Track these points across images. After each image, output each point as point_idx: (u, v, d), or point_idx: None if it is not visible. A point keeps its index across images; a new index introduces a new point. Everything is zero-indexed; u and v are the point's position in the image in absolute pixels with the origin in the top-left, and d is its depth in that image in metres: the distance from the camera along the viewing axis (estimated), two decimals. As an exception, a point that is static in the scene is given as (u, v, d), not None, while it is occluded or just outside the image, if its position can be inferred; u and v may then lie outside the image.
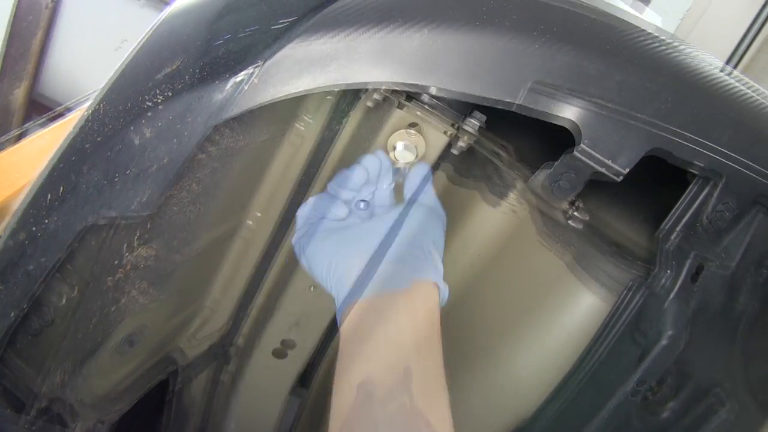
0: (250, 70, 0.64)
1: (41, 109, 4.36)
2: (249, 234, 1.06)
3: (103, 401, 0.94)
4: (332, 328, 1.23)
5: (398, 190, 0.87)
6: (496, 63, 0.64)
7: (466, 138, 0.84)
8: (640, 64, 0.67)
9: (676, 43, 0.71)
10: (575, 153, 0.68)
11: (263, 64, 0.64)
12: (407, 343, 0.62)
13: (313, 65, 0.63)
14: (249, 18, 0.68)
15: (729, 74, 0.74)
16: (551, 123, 0.68)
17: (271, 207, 1.03)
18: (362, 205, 0.81)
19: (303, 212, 0.76)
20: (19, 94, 4.34)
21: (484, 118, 0.85)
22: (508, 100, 0.66)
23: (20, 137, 3.63)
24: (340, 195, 0.78)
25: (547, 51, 0.64)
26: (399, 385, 0.57)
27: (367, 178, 0.78)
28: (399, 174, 0.85)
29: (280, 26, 0.65)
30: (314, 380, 1.31)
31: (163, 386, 1.16)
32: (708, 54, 0.75)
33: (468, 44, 0.63)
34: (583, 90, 0.66)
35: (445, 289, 0.71)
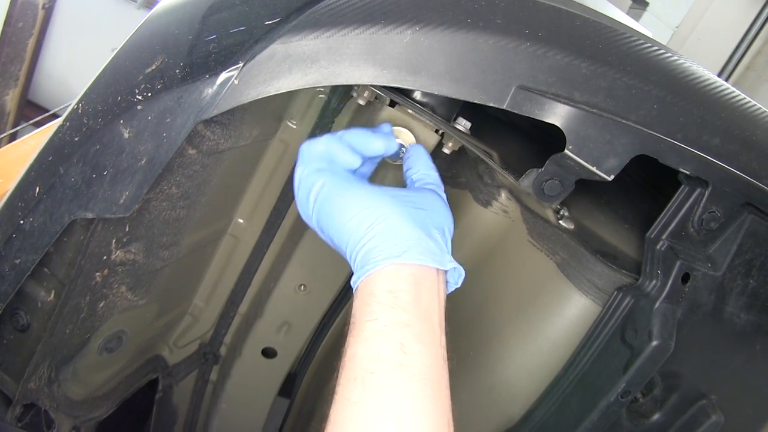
0: (230, 71, 0.63)
1: (34, 112, 4.35)
2: (233, 240, 1.05)
3: (79, 408, 0.92)
4: (320, 329, 1.22)
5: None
6: (480, 67, 0.64)
7: (456, 139, 0.83)
8: (626, 70, 0.66)
9: (663, 50, 0.70)
10: (560, 159, 0.67)
11: (243, 65, 0.63)
12: (429, 322, 0.60)
13: (294, 66, 0.62)
14: (232, 20, 0.67)
15: (717, 83, 0.73)
16: (536, 131, 0.67)
17: (257, 212, 1.02)
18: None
19: (311, 148, 0.70)
20: (11, 97, 4.33)
21: (469, 124, 0.84)
22: (493, 103, 0.65)
23: (12, 139, 3.61)
24: (356, 150, 0.72)
25: (532, 56, 0.63)
26: (412, 363, 0.56)
27: (384, 150, 0.73)
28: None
29: (262, 28, 0.64)
30: (302, 383, 1.30)
31: (153, 385, 1.15)
32: (696, 63, 0.74)
33: (453, 47, 0.63)
34: (568, 96, 0.65)
35: (462, 272, 0.68)
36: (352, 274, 0.64)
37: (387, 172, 0.90)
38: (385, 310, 0.58)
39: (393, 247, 0.61)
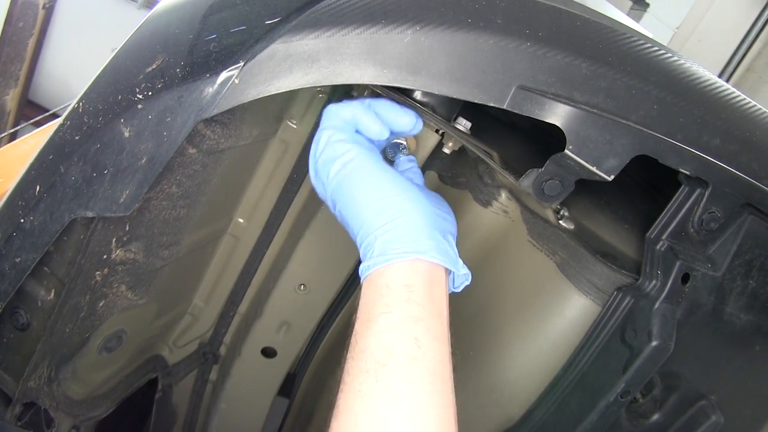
0: (231, 70, 0.63)
1: (34, 111, 4.35)
2: (233, 239, 1.05)
3: (79, 407, 0.92)
4: (320, 329, 1.22)
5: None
6: (481, 66, 0.64)
7: (456, 139, 0.84)
8: (627, 71, 0.66)
9: (664, 51, 0.70)
10: (560, 158, 0.67)
11: (244, 64, 0.63)
12: (441, 318, 0.61)
13: (294, 65, 0.62)
14: (232, 19, 0.67)
15: (717, 84, 0.73)
16: (536, 131, 0.67)
17: (257, 212, 1.02)
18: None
19: (338, 112, 0.67)
20: (11, 97, 4.33)
21: (469, 124, 0.84)
22: (493, 103, 0.65)
23: (12, 139, 3.61)
24: (384, 122, 0.69)
25: (532, 56, 0.64)
26: (421, 356, 0.56)
27: (412, 126, 0.70)
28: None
29: (263, 27, 0.65)
30: (302, 383, 1.30)
31: (152, 384, 1.15)
32: (696, 63, 0.74)
33: (453, 47, 0.63)
34: (568, 96, 0.65)
35: (469, 278, 0.68)
36: (357, 267, 0.64)
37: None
38: (401, 304, 0.58)
39: (416, 243, 0.61)
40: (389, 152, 0.82)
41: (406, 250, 0.60)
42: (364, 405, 0.54)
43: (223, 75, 0.63)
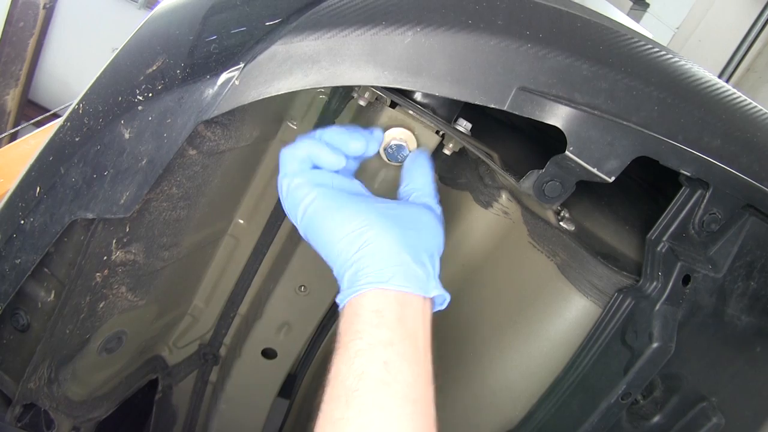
0: (231, 72, 0.63)
1: (35, 111, 4.35)
2: (234, 240, 1.05)
3: (79, 408, 0.92)
4: (320, 330, 1.21)
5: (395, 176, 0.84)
6: (481, 68, 0.64)
7: (457, 140, 0.83)
8: (627, 72, 0.66)
9: (664, 51, 0.70)
10: (561, 160, 0.67)
11: (244, 66, 0.63)
12: (414, 341, 0.61)
13: (295, 67, 0.62)
14: (232, 20, 0.67)
15: (718, 85, 0.73)
16: (536, 132, 0.67)
17: (257, 213, 1.02)
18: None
19: (292, 155, 0.69)
20: (12, 97, 4.33)
21: (470, 125, 0.84)
22: (494, 105, 0.65)
23: (12, 139, 3.61)
24: (336, 149, 0.71)
25: (533, 57, 0.63)
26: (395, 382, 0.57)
27: (364, 150, 0.73)
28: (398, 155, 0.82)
29: (263, 29, 0.64)
30: (302, 384, 1.30)
31: (153, 385, 1.15)
32: (696, 64, 0.74)
33: (454, 48, 0.63)
34: (569, 97, 0.65)
35: (447, 297, 0.68)
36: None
37: (389, 173, 0.90)
38: (370, 329, 0.59)
39: (379, 272, 0.61)
40: (391, 156, 0.82)
41: (369, 280, 0.61)
42: (335, 430, 0.55)
43: (224, 76, 0.63)
